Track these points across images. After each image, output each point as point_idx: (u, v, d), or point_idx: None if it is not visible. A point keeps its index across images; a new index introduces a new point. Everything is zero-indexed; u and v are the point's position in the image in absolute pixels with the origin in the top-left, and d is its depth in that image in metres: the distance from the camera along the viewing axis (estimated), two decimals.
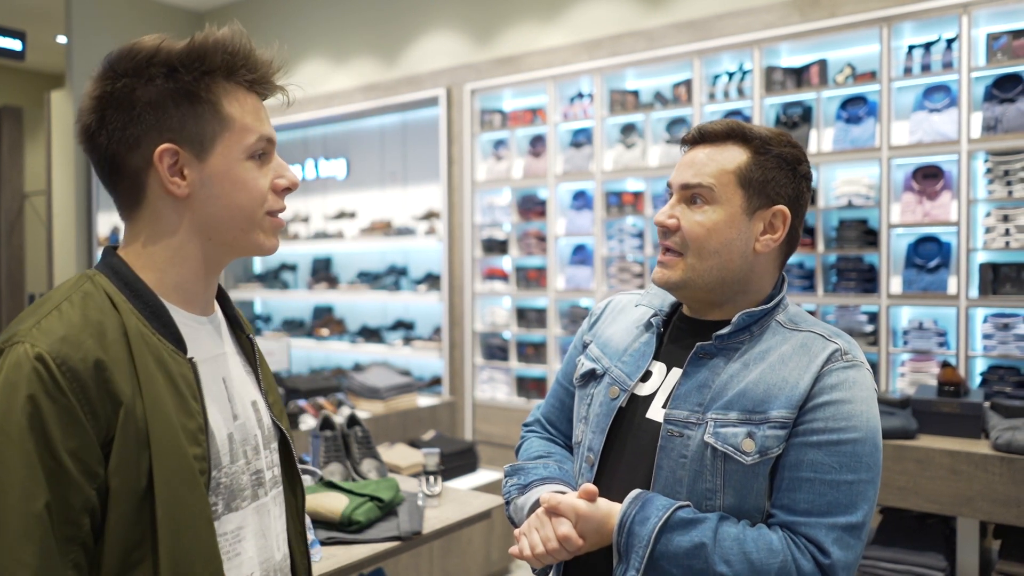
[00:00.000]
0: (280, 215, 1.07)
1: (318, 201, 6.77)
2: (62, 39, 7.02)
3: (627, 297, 1.45)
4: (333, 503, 1.89)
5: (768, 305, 1.23)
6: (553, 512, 1.19)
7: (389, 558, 1.78)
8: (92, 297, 0.94)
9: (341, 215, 6.45)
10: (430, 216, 5.80)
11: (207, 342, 1.05)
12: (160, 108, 0.96)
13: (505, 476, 1.38)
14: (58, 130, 6.50)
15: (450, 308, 5.56)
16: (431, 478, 2.14)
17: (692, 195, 1.22)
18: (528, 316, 5.25)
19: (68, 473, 0.84)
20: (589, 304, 5.01)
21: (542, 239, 5.19)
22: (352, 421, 2.44)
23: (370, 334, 6.13)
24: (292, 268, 6.94)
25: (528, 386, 5.25)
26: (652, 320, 1.32)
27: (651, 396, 1.25)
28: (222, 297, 1.14)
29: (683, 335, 1.29)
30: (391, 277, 6.03)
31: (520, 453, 1.45)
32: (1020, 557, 2.68)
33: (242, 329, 1.15)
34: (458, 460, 3.82)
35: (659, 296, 1.37)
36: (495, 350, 5.42)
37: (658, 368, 1.28)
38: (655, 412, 1.24)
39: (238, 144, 1.00)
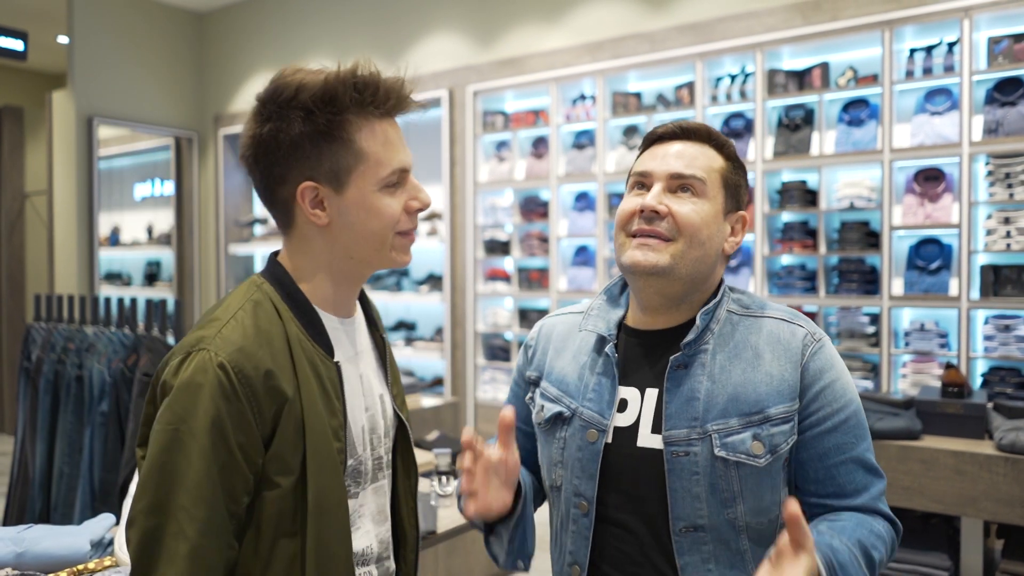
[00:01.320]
0: (413, 231, 1.16)
1: None
2: (63, 39, 7.02)
3: (560, 321, 1.37)
4: None
5: (717, 298, 1.23)
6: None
7: (442, 543, 1.79)
8: (262, 306, 1.09)
9: None
10: (432, 217, 5.81)
11: (349, 343, 1.18)
12: (301, 149, 1.06)
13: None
14: (59, 130, 6.50)
15: (452, 309, 5.58)
16: (443, 478, 2.15)
17: (682, 185, 1.20)
18: (530, 317, 5.27)
19: (237, 463, 1.01)
20: None
21: (544, 240, 5.21)
22: None
23: None
24: None
25: None
26: (605, 347, 1.25)
27: (635, 424, 1.21)
28: (362, 298, 1.26)
29: (641, 352, 1.25)
30: (392, 277, 6.05)
31: None
32: (1023, 557, 2.70)
33: (377, 328, 1.27)
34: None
35: (600, 318, 1.30)
36: (497, 351, 5.44)
37: (630, 394, 1.23)
38: (646, 439, 1.19)
39: (372, 176, 1.09)
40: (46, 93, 6.75)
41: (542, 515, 1.49)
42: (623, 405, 1.22)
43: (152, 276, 7.76)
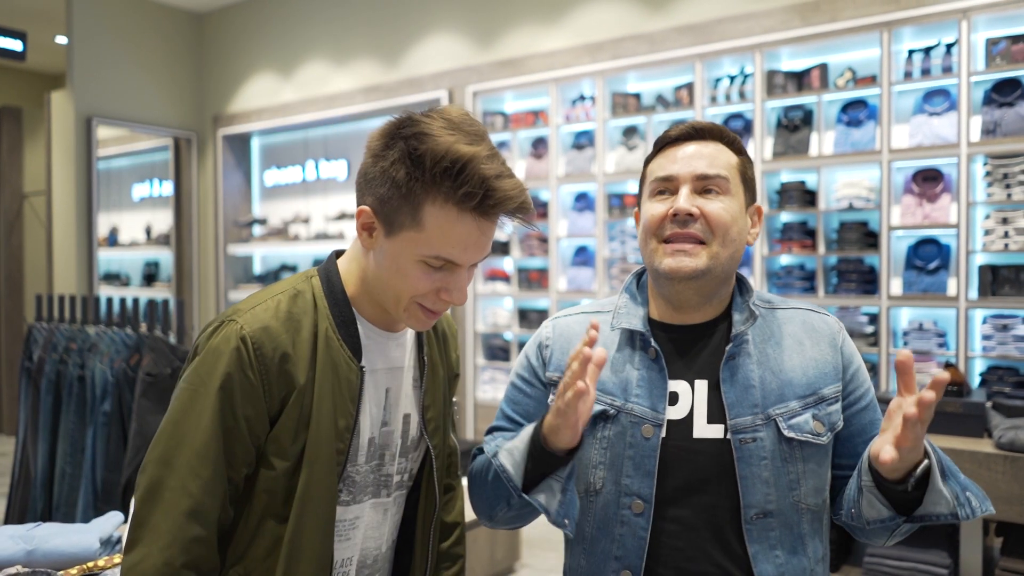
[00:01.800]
0: (432, 312, 1.13)
1: (319, 202, 6.79)
2: (62, 39, 7.02)
3: (576, 321, 1.36)
4: None
5: (752, 293, 1.29)
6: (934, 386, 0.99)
7: None
8: (302, 296, 1.14)
9: (342, 216, 6.47)
10: None
11: (379, 355, 1.19)
12: (380, 179, 1.07)
13: (483, 449, 1.27)
14: (58, 131, 6.50)
15: (452, 308, 5.59)
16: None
17: (707, 186, 1.22)
18: (530, 317, 5.28)
19: (240, 431, 1.06)
20: None
21: (544, 240, 5.22)
22: None
23: None
24: (292, 269, 6.96)
25: None
26: (642, 343, 1.26)
27: (688, 416, 1.21)
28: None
29: (677, 347, 1.26)
30: None
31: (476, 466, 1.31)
32: (1022, 554, 2.72)
33: (423, 347, 1.25)
34: (465, 459, 3.85)
35: (631, 315, 1.29)
36: (497, 351, 5.46)
37: (680, 387, 1.23)
38: (703, 430, 1.20)
39: (416, 247, 1.07)
40: (45, 93, 6.75)
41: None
42: (674, 398, 1.23)
43: (151, 276, 7.76)
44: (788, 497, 1.18)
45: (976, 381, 3.80)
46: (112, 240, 7.78)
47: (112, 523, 1.75)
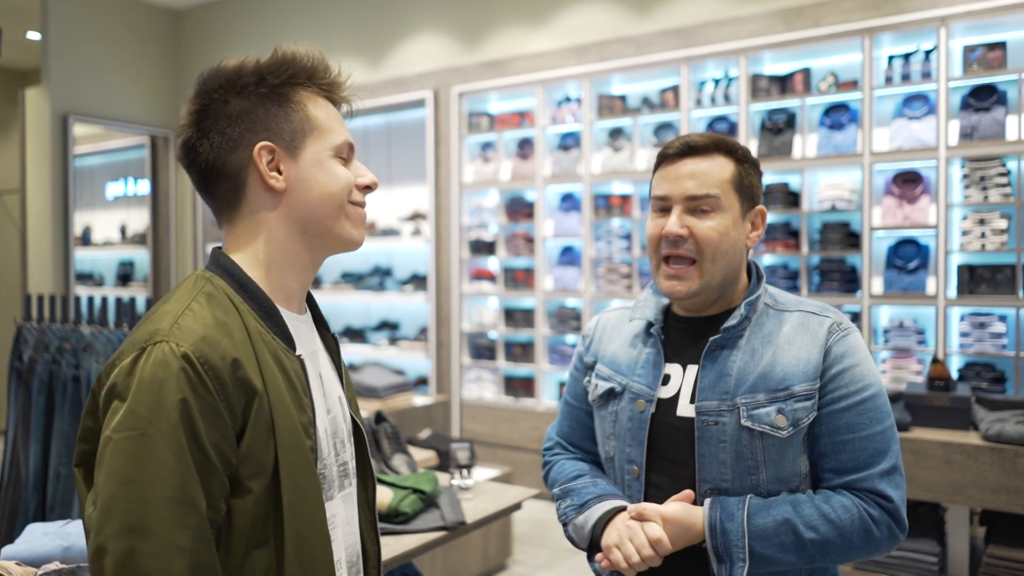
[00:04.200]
0: (363, 208, 1.14)
1: None
2: (33, 35, 6.90)
3: (614, 314, 1.55)
4: (380, 495, 1.94)
5: (758, 292, 1.37)
6: (640, 517, 1.28)
7: (437, 547, 1.84)
8: (215, 298, 1.00)
9: None
10: (415, 217, 5.84)
11: (305, 339, 1.11)
12: (254, 112, 1.05)
13: (556, 500, 1.46)
14: (33, 128, 6.38)
15: (437, 308, 5.61)
16: (463, 471, 2.20)
17: (698, 206, 1.32)
18: (516, 316, 5.32)
19: (212, 463, 0.91)
20: (576, 305, 5.10)
21: (530, 240, 5.27)
22: (379, 418, 2.49)
23: (354, 334, 6.15)
24: None
25: (516, 385, 5.33)
26: (652, 330, 1.42)
27: (675, 396, 1.36)
28: (308, 298, 1.20)
29: (685, 334, 1.40)
30: (376, 278, 6.06)
31: (554, 475, 1.52)
32: (1007, 542, 2.84)
33: (327, 328, 1.20)
34: (445, 460, 3.88)
35: (648, 307, 1.46)
36: (482, 350, 5.49)
37: (674, 370, 1.39)
38: (684, 409, 1.35)
39: (326, 143, 1.09)
40: (18, 90, 6.63)
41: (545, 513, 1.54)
42: (667, 379, 1.38)
43: (126, 276, 7.65)
44: (746, 479, 1.29)
45: (954, 378, 3.92)
46: (86, 239, 7.66)
47: None
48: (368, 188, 1.14)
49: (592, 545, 1.36)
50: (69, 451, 3.27)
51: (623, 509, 1.34)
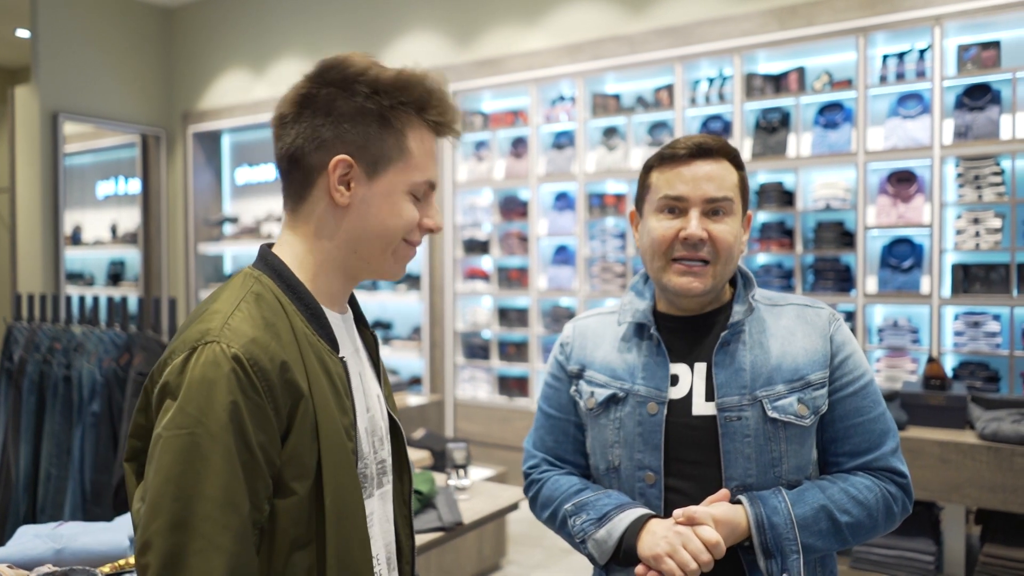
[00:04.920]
0: (414, 248, 1.13)
1: None
2: (23, 33, 6.85)
3: (592, 320, 1.49)
4: None
5: (753, 288, 1.39)
6: (691, 522, 1.23)
7: (433, 548, 1.83)
8: (264, 298, 1.01)
9: None
10: None
11: (349, 339, 1.13)
12: (352, 122, 1.03)
13: (570, 516, 1.38)
14: (22, 126, 6.33)
15: (431, 308, 5.59)
16: (460, 471, 2.18)
17: (715, 208, 1.32)
18: (510, 316, 5.31)
19: (258, 464, 0.93)
20: (571, 304, 5.09)
21: (524, 239, 5.25)
22: None
23: None
24: None
25: (510, 385, 5.31)
26: (649, 331, 1.38)
27: (688, 396, 1.33)
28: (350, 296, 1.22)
29: (680, 334, 1.38)
30: None
31: (548, 493, 1.44)
32: (1003, 540, 2.84)
33: (366, 326, 1.21)
34: (440, 460, 3.86)
35: (635, 309, 1.41)
36: (476, 349, 5.47)
37: (680, 369, 1.36)
38: (701, 407, 1.32)
39: (406, 177, 1.07)
40: (7, 88, 6.58)
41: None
42: (674, 380, 1.35)
43: (116, 276, 7.60)
44: (769, 473, 1.29)
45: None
46: (76, 239, 7.61)
47: None
48: (430, 231, 1.13)
49: (624, 557, 1.28)
50: (60, 452, 3.23)
51: (651, 516, 1.29)
